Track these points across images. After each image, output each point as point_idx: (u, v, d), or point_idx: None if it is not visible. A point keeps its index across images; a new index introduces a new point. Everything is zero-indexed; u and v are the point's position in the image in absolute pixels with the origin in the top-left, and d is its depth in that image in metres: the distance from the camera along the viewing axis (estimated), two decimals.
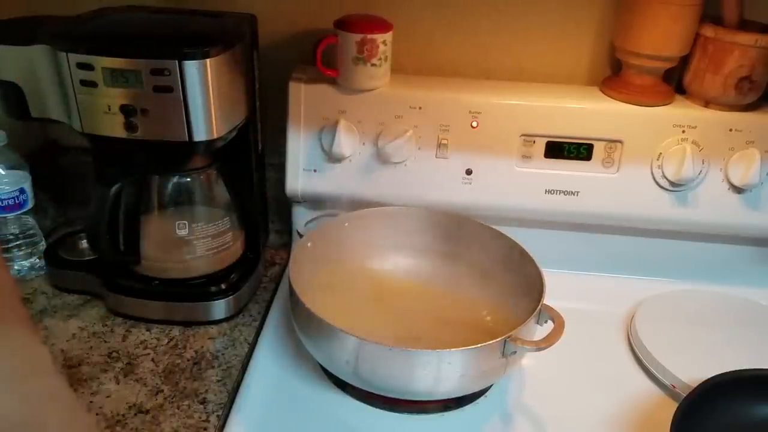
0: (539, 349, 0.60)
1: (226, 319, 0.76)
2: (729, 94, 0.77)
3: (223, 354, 0.71)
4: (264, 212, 0.88)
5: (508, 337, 0.59)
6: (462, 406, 0.67)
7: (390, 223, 0.81)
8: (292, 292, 0.66)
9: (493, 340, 0.58)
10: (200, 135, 0.65)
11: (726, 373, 0.63)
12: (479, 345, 0.58)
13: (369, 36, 0.75)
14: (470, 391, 0.65)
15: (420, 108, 0.80)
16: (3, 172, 0.79)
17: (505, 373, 0.64)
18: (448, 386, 0.61)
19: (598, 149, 0.80)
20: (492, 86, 0.83)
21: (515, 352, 0.60)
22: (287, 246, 0.92)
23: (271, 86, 0.82)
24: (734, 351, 0.73)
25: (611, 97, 0.81)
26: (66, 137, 0.92)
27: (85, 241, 0.79)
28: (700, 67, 0.79)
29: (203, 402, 0.65)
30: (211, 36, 0.65)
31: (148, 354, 0.71)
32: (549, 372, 0.71)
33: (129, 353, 0.71)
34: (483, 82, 0.84)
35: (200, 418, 0.63)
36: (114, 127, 0.64)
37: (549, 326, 0.62)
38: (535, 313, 0.63)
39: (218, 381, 0.68)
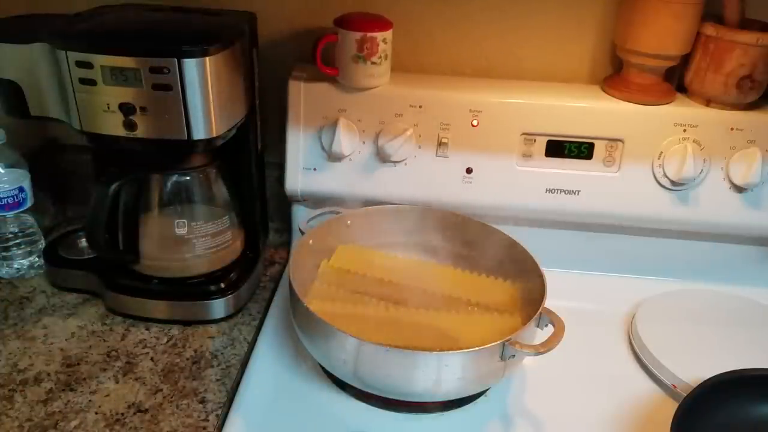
0: (538, 354, 0.59)
1: (226, 318, 0.76)
2: (730, 93, 0.77)
3: (222, 353, 0.71)
4: (263, 211, 0.88)
5: (507, 340, 0.59)
6: (462, 406, 0.66)
7: (391, 221, 0.81)
8: (291, 291, 0.66)
9: (492, 344, 0.58)
10: (199, 133, 0.64)
11: (726, 372, 0.63)
12: (478, 348, 0.58)
13: (369, 34, 0.75)
14: (468, 394, 0.65)
15: (420, 106, 0.80)
16: (2, 171, 0.79)
17: (503, 376, 0.64)
18: (447, 388, 0.61)
19: (599, 148, 0.80)
20: (492, 85, 0.83)
21: (514, 356, 0.60)
22: (287, 245, 0.92)
23: (270, 85, 0.82)
24: (734, 351, 0.72)
25: (612, 96, 0.81)
26: (65, 136, 0.92)
27: (84, 239, 0.79)
28: (701, 66, 0.79)
29: (202, 401, 0.65)
30: (210, 34, 0.65)
31: (148, 353, 0.71)
32: (549, 371, 0.70)
33: (128, 352, 0.71)
34: (483, 81, 0.84)
35: (199, 417, 0.63)
36: (113, 125, 0.64)
37: (549, 330, 0.62)
38: (535, 316, 0.62)
39: (217, 380, 0.67)
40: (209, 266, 0.76)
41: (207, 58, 0.62)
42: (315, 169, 0.83)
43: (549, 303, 0.64)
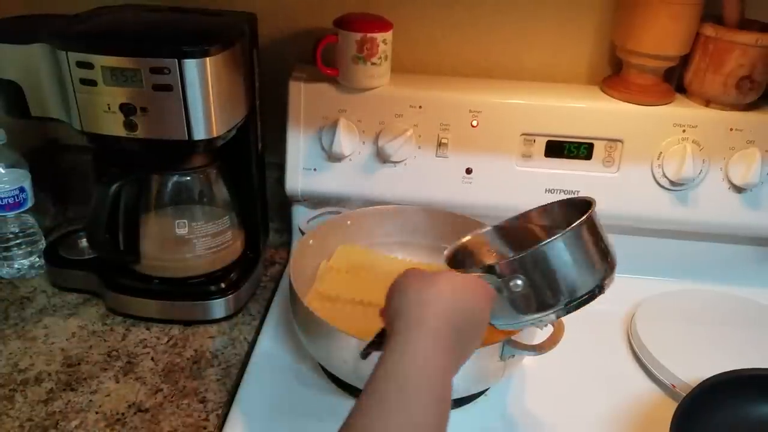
0: (538, 354, 0.59)
1: (226, 318, 0.76)
2: (729, 94, 0.77)
3: (222, 353, 0.71)
4: (264, 211, 0.88)
5: (507, 340, 0.59)
6: (462, 406, 0.66)
7: (391, 221, 0.81)
8: (292, 291, 0.66)
9: (492, 343, 0.58)
10: (200, 134, 0.65)
11: (726, 372, 0.63)
12: (478, 347, 0.58)
13: (369, 35, 0.75)
14: (468, 393, 0.65)
15: (420, 107, 0.80)
16: (3, 171, 0.79)
17: (503, 375, 0.64)
18: None
19: (599, 148, 0.80)
20: (492, 85, 0.83)
21: (514, 356, 0.60)
22: (287, 245, 0.92)
23: (271, 85, 0.82)
24: (734, 351, 0.73)
25: (612, 97, 0.81)
26: (66, 136, 0.92)
27: (84, 239, 0.79)
28: (700, 67, 0.79)
29: (203, 401, 0.65)
30: (210, 34, 0.65)
31: (148, 353, 0.71)
32: (549, 371, 0.71)
33: (129, 352, 0.71)
34: (483, 81, 0.84)
35: (200, 417, 0.63)
36: (113, 125, 0.64)
37: (549, 330, 0.62)
38: None
39: (218, 380, 0.67)
40: (209, 266, 0.76)
41: (207, 59, 0.62)
42: (315, 170, 0.83)
43: None
